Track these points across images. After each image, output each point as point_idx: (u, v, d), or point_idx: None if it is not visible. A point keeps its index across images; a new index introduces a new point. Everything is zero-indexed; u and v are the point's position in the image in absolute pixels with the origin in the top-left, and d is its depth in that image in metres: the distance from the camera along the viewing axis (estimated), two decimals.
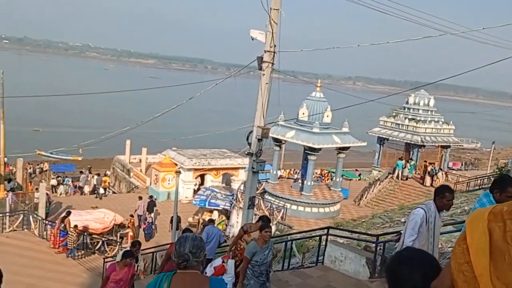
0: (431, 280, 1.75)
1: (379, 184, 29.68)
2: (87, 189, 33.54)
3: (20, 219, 19.42)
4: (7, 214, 20.00)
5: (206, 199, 24.49)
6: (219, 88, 15.93)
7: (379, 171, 34.61)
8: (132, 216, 22.04)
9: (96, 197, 29.89)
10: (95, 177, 34.59)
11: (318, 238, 10.79)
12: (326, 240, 10.16)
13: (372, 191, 29.22)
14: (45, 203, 22.67)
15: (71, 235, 17.60)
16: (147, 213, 23.50)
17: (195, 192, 29.11)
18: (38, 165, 43.14)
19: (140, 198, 24.80)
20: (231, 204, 24.30)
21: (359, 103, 15.71)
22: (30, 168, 38.26)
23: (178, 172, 20.36)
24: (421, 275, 1.84)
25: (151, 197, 26.13)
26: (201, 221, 24.45)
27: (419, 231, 5.18)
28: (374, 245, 9.13)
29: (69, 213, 18.51)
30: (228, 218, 24.78)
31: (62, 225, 17.79)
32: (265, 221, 7.37)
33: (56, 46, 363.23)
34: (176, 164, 29.61)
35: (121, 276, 7.51)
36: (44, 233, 19.02)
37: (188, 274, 2.87)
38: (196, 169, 30.04)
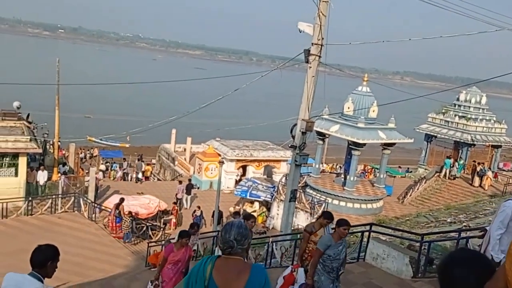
0: (485, 282, 1.70)
1: (425, 183, 28.89)
2: (133, 175, 34.71)
3: (71, 201, 20.37)
4: (60, 196, 21.06)
5: (247, 190, 24.72)
6: (264, 80, 16.01)
7: (425, 169, 33.66)
8: (175, 203, 22.57)
9: (136, 182, 31.25)
10: (135, 162, 35.89)
11: (360, 234, 10.69)
12: (369, 236, 10.04)
13: (417, 189, 28.50)
14: (94, 187, 23.64)
15: (125, 220, 18.34)
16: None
17: (236, 182, 29.44)
18: (88, 150, 44.96)
19: (180, 182, 26.50)
20: (272, 196, 24.41)
21: (407, 98, 15.31)
22: (81, 153, 39.93)
23: (221, 162, 20.65)
24: (475, 276, 1.81)
25: (189, 180, 28.11)
26: (241, 211, 24.72)
27: (509, 225, 4.83)
28: (418, 244, 8.94)
29: (122, 200, 19.16)
30: (268, 210, 24.93)
31: (117, 211, 18.51)
32: (327, 217, 7.00)
33: (108, 36, 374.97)
34: (219, 154, 30.02)
35: (179, 257, 7.39)
36: (93, 215, 19.84)
37: (231, 259, 2.96)
38: (238, 160, 30.34)
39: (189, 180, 28.03)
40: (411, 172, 39.61)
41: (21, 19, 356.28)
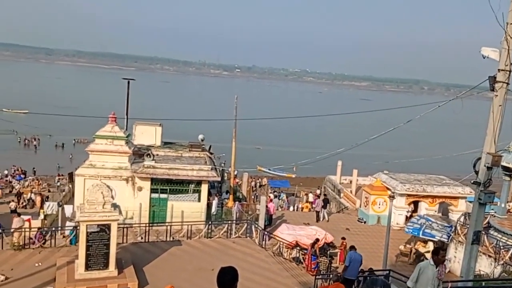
0: None
1: None
2: (299, 205, 35.71)
3: (244, 227, 21.73)
4: (234, 221, 22.69)
5: (420, 227, 23.04)
6: (435, 110, 15.05)
7: None
8: (344, 238, 22.19)
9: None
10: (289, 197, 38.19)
11: None
12: None
13: None
14: (264, 215, 24.85)
15: (321, 261, 18.77)
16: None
17: (407, 219, 27.76)
18: (258, 179, 47.79)
19: (318, 196, 30.93)
20: (449, 237, 22.26)
21: None
22: (252, 182, 42.64)
23: (391, 197, 19.75)
24: None
25: (325, 195, 32.48)
26: (413, 250, 23.11)
27: None
28: None
29: (317, 240, 19.73)
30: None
31: (313, 250, 19.11)
32: None
33: (278, 72, 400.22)
34: (387, 188, 28.82)
35: None
36: (263, 242, 20.79)
37: None
38: (409, 195, 28.61)
39: (325, 195, 32.71)
40: None
41: (205, 62, 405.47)
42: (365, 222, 29.20)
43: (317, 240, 19.61)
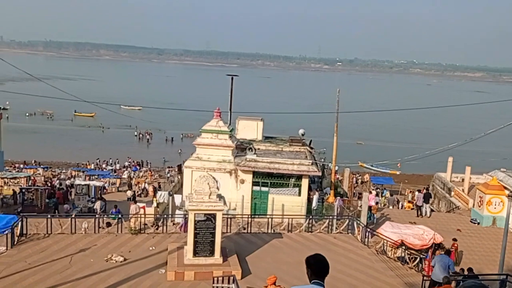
0: None
1: None
2: (404, 203, 34.03)
3: (346, 224, 21.33)
4: (335, 217, 22.38)
5: None
6: None
7: None
8: (455, 240, 20.72)
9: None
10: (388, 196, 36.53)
11: None
12: None
13: None
14: (367, 212, 24.14)
15: None
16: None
17: None
18: (359, 175, 46.60)
19: (419, 191, 30.20)
20: None
21: None
22: (353, 178, 41.71)
23: (509, 197, 17.97)
24: None
25: (427, 189, 31.32)
26: None
27: None
28: None
29: (438, 247, 18.84)
30: None
31: (434, 256, 18.37)
32: None
33: (382, 65, 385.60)
34: (505, 187, 26.34)
35: None
36: (365, 239, 20.21)
37: None
38: None
39: (426, 189, 31.59)
40: None
41: (305, 56, 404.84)
42: (478, 223, 26.99)
43: (438, 246, 18.53)
